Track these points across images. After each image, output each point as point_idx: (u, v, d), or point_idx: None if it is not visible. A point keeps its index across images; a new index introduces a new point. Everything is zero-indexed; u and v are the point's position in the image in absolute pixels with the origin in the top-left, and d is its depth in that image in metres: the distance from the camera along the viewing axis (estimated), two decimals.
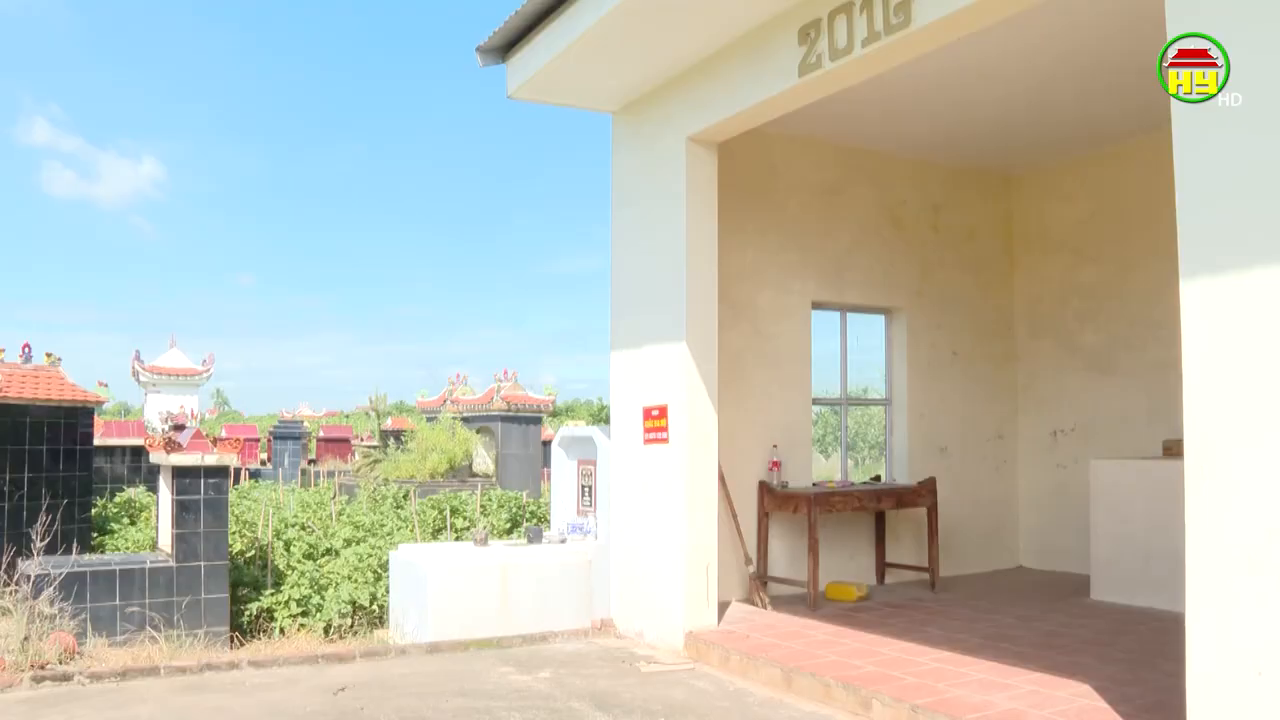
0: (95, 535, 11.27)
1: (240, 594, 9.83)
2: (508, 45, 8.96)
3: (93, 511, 11.55)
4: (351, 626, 9.98)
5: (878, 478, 11.01)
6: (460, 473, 19.25)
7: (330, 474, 22.83)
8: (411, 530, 12.48)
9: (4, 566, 9.75)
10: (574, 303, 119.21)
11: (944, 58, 7.25)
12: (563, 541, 10.16)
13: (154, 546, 10.13)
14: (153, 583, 9.01)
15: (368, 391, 75.26)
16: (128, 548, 10.96)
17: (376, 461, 21.46)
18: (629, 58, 8.31)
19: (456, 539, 12.68)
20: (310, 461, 28.82)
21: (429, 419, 22.42)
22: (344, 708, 6.79)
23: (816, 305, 10.49)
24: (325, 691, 7.24)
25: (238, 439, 11.84)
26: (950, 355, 11.25)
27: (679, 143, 8.48)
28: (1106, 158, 10.73)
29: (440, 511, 13.53)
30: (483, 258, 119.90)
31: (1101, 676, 6.40)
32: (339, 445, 30.55)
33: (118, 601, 8.86)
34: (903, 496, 10.01)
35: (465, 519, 13.43)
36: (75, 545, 10.09)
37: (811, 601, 9.03)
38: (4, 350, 10.89)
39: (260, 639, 9.60)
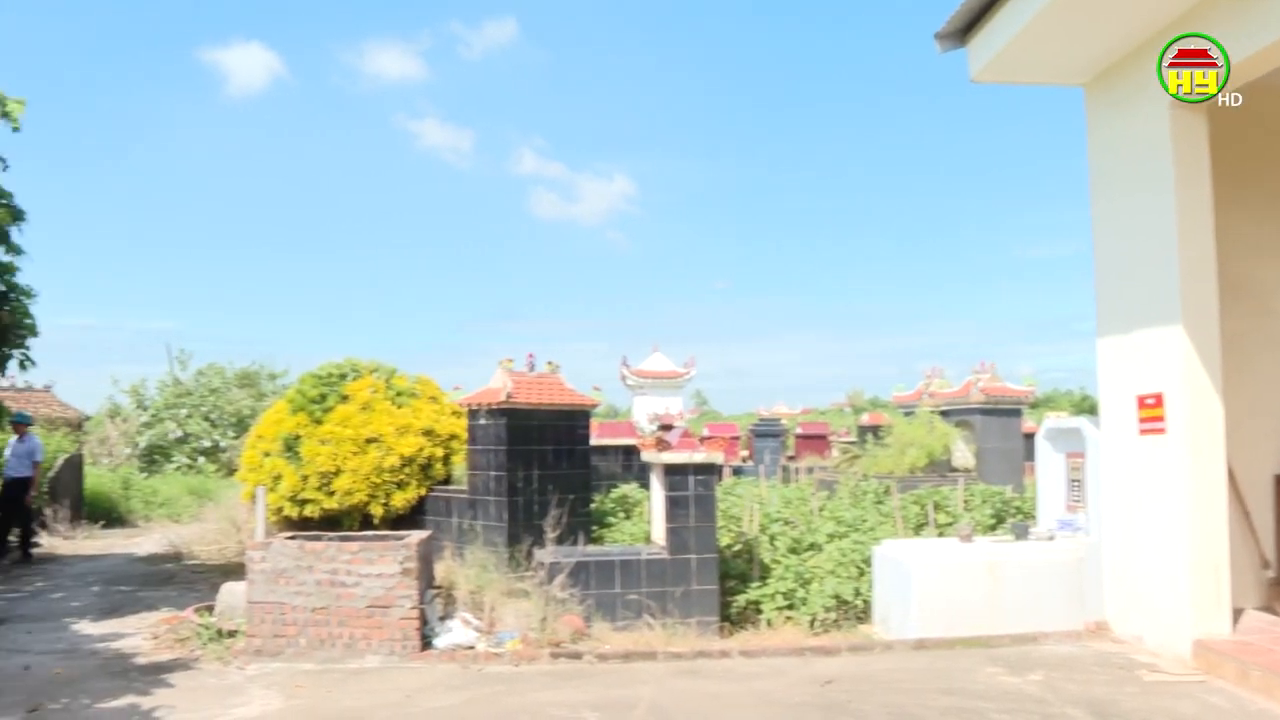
0: (595, 528, 12.24)
1: (728, 585, 10.30)
2: (966, 27, 8.75)
3: (591, 506, 12.55)
4: (836, 621, 10.13)
5: None
6: (939, 467, 18.91)
7: (809, 470, 23.28)
8: (893, 526, 12.45)
9: (524, 554, 10.90)
10: (1050, 288, 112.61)
11: None
12: (1050, 538, 9.74)
13: (648, 539, 10.87)
14: (648, 573, 9.69)
15: (841, 388, 76.07)
16: (624, 540, 11.81)
17: (855, 457, 21.60)
18: (1101, 20, 7.79)
19: (939, 535, 12.50)
20: (789, 458, 29.50)
21: (905, 413, 22.18)
22: (831, 700, 6.96)
23: None
24: (812, 683, 7.45)
25: (722, 437, 12.47)
26: None
27: (1161, 109, 7.81)
28: None
29: (921, 507, 13.38)
30: (951, 247, 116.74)
31: None
32: (816, 442, 30.96)
33: (618, 589, 9.63)
34: None
35: (947, 514, 13.19)
36: (580, 537, 11.07)
37: None
38: (512, 361, 12.11)
39: (747, 629, 10.00)
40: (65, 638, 9.60)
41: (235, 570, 11.74)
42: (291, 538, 9.04)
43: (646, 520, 12.05)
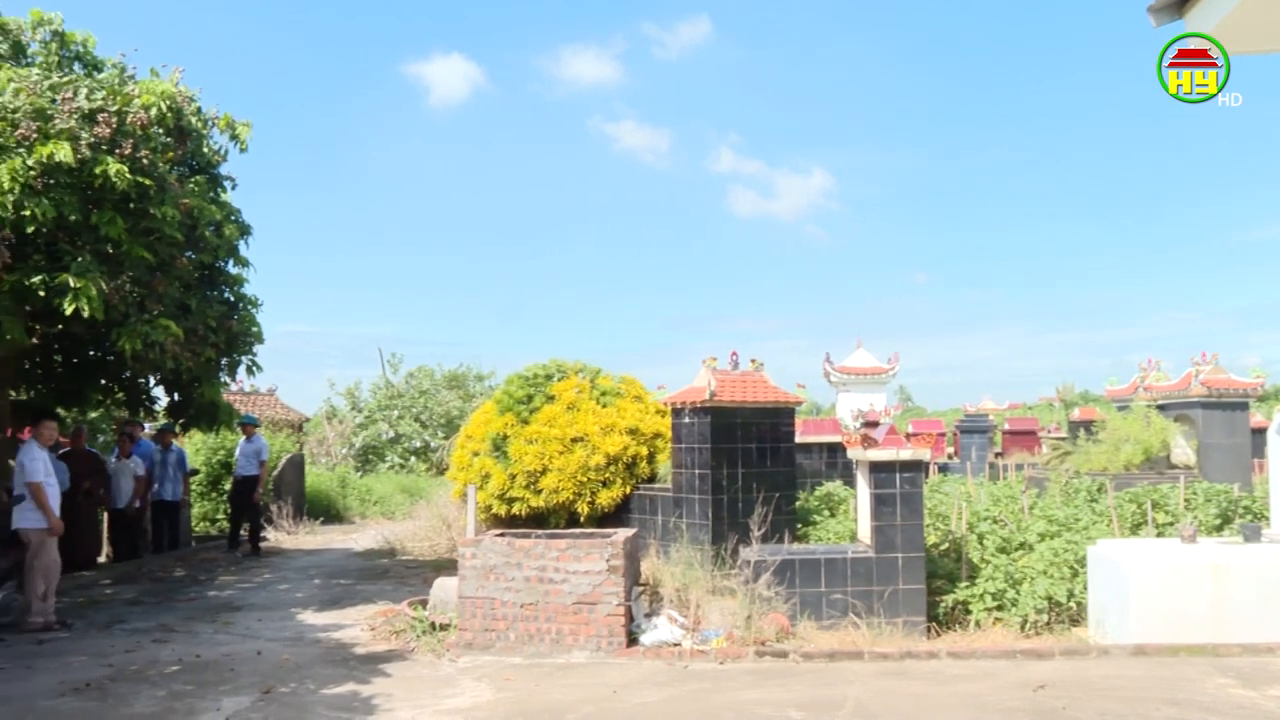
0: (800, 526, 12.15)
1: (934, 585, 10.08)
2: None
3: (796, 504, 12.46)
4: (1048, 623, 9.78)
5: None
6: (1157, 464, 18.02)
7: (1018, 467, 22.55)
8: (1108, 525, 11.92)
9: (729, 552, 10.94)
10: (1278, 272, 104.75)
11: None
12: None
13: (853, 538, 10.74)
14: (853, 572, 9.59)
15: (1049, 382, 73.10)
16: (829, 538, 11.68)
17: (1066, 454, 20.76)
18: None
19: (1158, 535, 11.91)
20: (997, 455, 28.61)
21: (1119, 408, 21.19)
22: (1044, 706, 6.74)
23: None
24: (1023, 687, 7.23)
25: (928, 434, 12.17)
26: None
27: None
28: None
29: (1138, 505, 12.79)
30: (1165, 234, 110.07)
31: None
32: (1025, 437, 29.90)
33: (823, 588, 9.56)
34: None
35: (1166, 514, 12.56)
36: (784, 535, 11.03)
37: None
38: (716, 359, 12.11)
39: (955, 630, 9.76)
40: (291, 626, 10.23)
41: (446, 566, 12.25)
42: (501, 535, 9.35)
43: (852, 518, 11.92)
